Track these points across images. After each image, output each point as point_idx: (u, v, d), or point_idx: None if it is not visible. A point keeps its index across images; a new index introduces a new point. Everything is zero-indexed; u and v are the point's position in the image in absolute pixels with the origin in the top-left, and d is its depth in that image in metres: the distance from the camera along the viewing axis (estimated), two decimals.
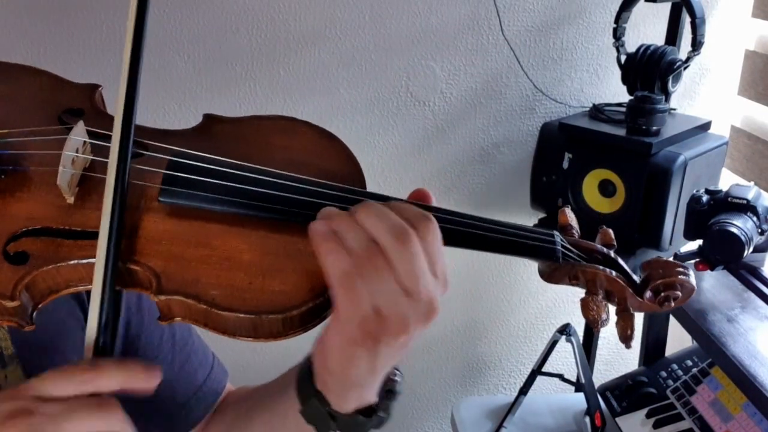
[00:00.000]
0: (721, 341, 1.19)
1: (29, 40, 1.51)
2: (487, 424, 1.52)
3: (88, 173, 0.61)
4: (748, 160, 1.72)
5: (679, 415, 1.29)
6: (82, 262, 0.57)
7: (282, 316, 0.57)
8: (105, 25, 1.54)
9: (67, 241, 0.58)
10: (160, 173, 0.60)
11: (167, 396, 0.81)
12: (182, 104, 1.60)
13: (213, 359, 0.86)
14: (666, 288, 0.65)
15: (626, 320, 0.65)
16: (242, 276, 0.58)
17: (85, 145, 0.62)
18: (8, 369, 0.70)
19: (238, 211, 0.60)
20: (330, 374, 0.61)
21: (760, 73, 1.69)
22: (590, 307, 0.63)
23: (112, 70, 1.57)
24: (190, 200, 0.60)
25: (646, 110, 1.44)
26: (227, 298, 0.57)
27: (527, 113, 1.79)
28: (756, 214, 1.22)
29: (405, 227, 0.55)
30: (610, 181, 1.48)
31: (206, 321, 0.58)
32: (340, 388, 0.62)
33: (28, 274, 0.56)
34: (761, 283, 1.35)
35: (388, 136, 1.75)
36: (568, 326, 1.46)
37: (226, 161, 0.61)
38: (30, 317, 0.58)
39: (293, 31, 1.63)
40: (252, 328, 0.58)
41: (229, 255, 0.59)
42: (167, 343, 0.81)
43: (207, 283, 0.57)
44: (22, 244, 0.57)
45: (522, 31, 1.71)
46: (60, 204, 0.59)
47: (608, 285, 0.65)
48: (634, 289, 0.65)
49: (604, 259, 0.65)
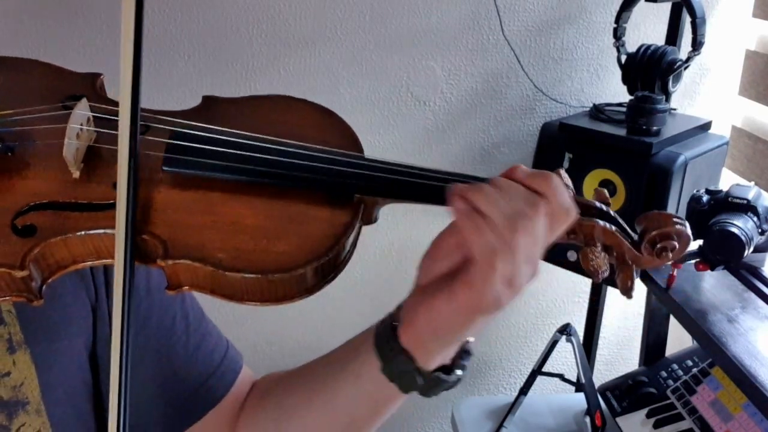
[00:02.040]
0: (722, 341, 1.19)
1: (29, 40, 1.51)
2: (488, 424, 1.52)
3: (94, 145, 0.63)
4: (748, 160, 1.72)
5: (680, 415, 1.29)
6: (90, 233, 0.59)
7: (288, 275, 0.58)
8: (105, 25, 1.54)
9: (73, 214, 0.59)
10: (163, 143, 0.62)
11: (185, 375, 0.80)
12: (182, 104, 1.60)
13: (227, 342, 0.86)
14: (662, 238, 0.65)
15: (626, 272, 0.66)
16: (247, 239, 0.59)
17: (89, 121, 0.63)
18: (17, 354, 0.70)
19: (240, 178, 0.62)
20: (434, 337, 0.63)
21: (761, 73, 1.69)
22: (590, 258, 0.64)
23: (112, 70, 1.57)
24: (193, 168, 0.61)
25: (646, 110, 1.44)
26: (233, 259, 0.58)
27: (527, 113, 1.79)
28: (756, 214, 1.22)
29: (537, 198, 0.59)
30: (611, 181, 1.48)
31: (213, 285, 0.59)
32: (437, 348, 0.64)
33: (36, 245, 0.57)
34: (761, 283, 1.35)
35: (388, 136, 1.75)
36: (568, 326, 1.46)
37: (226, 130, 0.63)
38: (39, 291, 0.59)
39: (293, 31, 1.63)
40: (258, 290, 0.59)
41: (233, 220, 0.60)
42: (181, 324, 0.80)
43: (213, 247, 0.59)
44: (30, 217, 0.59)
45: (522, 31, 1.71)
46: (66, 179, 0.61)
47: (606, 238, 0.65)
48: (631, 242, 0.66)
49: (601, 214, 0.66)
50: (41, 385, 0.71)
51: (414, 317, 0.63)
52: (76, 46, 1.54)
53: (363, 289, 1.78)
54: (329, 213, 0.62)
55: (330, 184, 0.62)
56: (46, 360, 0.71)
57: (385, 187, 0.64)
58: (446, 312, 0.61)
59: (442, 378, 0.66)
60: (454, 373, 0.67)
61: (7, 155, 0.61)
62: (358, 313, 1.74)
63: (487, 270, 0.58)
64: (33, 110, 0.64)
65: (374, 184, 0.64)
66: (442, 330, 0.63)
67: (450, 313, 0.61)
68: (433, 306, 0.62)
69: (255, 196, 0.61)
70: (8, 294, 0.58)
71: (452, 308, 0.61)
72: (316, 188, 0.63)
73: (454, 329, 0.63)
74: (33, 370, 0.70)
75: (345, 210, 0.62)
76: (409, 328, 0.64)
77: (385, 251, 1.83)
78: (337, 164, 0.63)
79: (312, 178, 0.62)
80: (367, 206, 0.65)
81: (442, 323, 0.62)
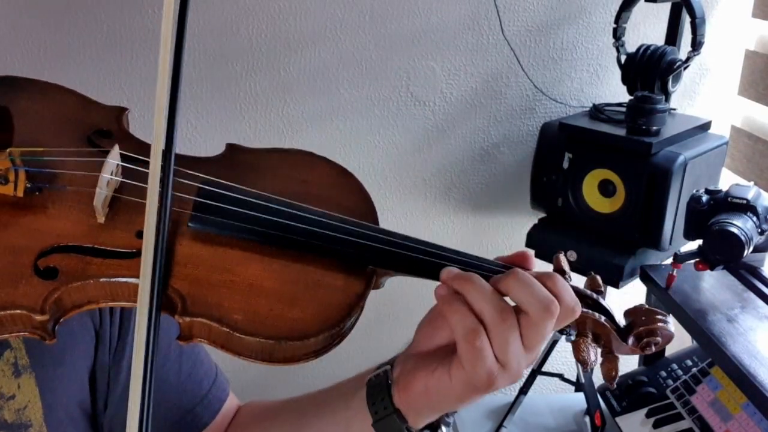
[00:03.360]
0: (721, 341, 1.19)
1: (29, 40, 1.51)
2: (487, 423, 1.52)
3: (118, 195, 0.64)
4: (748, 160, 1.72)
5: (679, 415, 1.29)
6: (110, 280, 0.59)
7: (300, 343, 0.59)
8: (105, 25, 1.54)
9: (96, 259, 0.60)
10: (191, 200, 0.63)
11: (175, 402, 0.82)
12: (182, 104, 1.60)
13: (216, 369, 0.88)
14: (648, 334, 0.70)
15: (611, 362, 0.70)
16: (263, 302, 0.60)
17: (117, 168, 0.64)
18: (22, 378, 0.71)
19: (261, 240, 0.63)
20: (428, 404, 0.66)
21: (761, 73, 1.69)
22: (581, 349, 0.68)
23: (112, 70, 1.58)
24: (217, 228, 0.62)
25: (646, 110, 1.44)
26: (249, 323, 0.59)
27: (527, 113, 1.79)
28: (756, 214, 1.22)
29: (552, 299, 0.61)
30: (610, 181, 1.48)
31: (225, 344, 0.60)
32: (429, 413, 0.67)
33: (57, 289, 0.58)
34: (761, 283, 1.35)
35: (388, 136, 1.75)
36: (569, 326, 1.46)
37: (253, 192, 0.64)
38: (52, 330, 0.59)
39: (293, 31, 1.63)
40: (269, 353, 0.60)
41: (251, 282, 0.61)
42: (175, 351, 0.82)
43: (230, 308, 0.59)
44: (52, 259, 0.59)
45: (522, 31, 1.71)
46: (90, 223, 0.62)
47: (596, 329, 0.69)
48: (619, 333, 0.69)
49: (593, 304, 0.69)
50: (44, 408, 0.72)
51: (411, 384, 0.66)
52: (76, 46, 1.54)
53: None
54: (343, 282, 0.63)
55: (347, 254, 0.64)
56: (50, 384, 0.72)
57: (400, 263, 0.66)
58: (444, 388, 0.63)
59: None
60: (440, 430, 0.70)
61: (34, 195, 0.62)
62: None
63: (470, 350, 0.60)
64: (62, 152, 0.65)
65: (390, 259, 0.65)
66: (437, 402, 0.65)
67: (447, 390, 0.63)
68: (431, 380, 0.64)
69: (274, 258, 0.63)
70: (24, 331, 0.58)
71: (450, 386, 0.63)
72: (333, 257, 0.64)
73: (448, 404, 0.65)
74: (37, 393, 0.71)
75: (358, 279, 0.64)
76: (404, 393, 0.66)
77: None
78: (356, 236, 0.64)
79: (331, 249, 0.63)
80: (378, 276, 0.67)
81: (439, 397, 0.64)
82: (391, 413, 0.66)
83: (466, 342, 0.60)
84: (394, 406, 0.66)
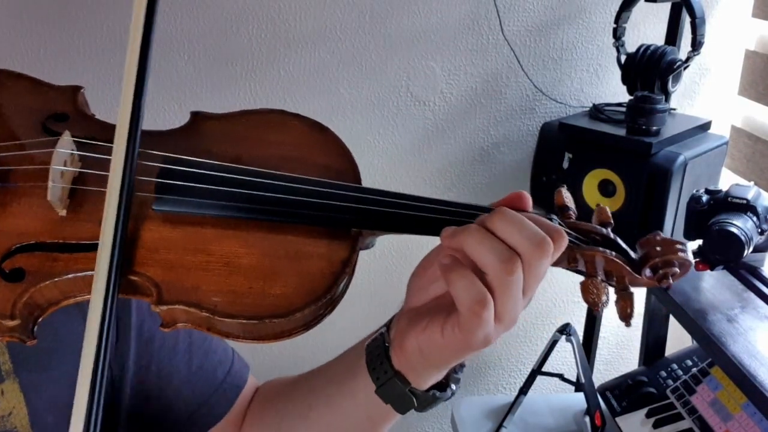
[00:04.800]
0: (721, 341, 1.19)
1: (29, 40, 1.51)
2: (487, 423, 1.52)
3: (78, 186, 0.59)
4: (748, 160, 1.72)
5: (679, 415, 1.29)
6: (79, 275, 0.56)
7: (285, 319, 0.57)
8: (105, 25, 1.54)
9: (62, 255, 0.57)
10: (152, 182, 0.59)
11: (187, 395, 0.80)
12: (182, 104, 1.60)
13: (233, 355, 0.85)
14: (664, 265, 0.65)
15: (625, 300, 0.64)
16: (242, 280, 0.57)
17: (72, 157, 0.60)
18: (5, 384, 0.69)
19: (233, 215, 0.59)
20: (426, 364, 0.63)
21: (761, 73, 1.69)
22: (590, 290, 0.63)
23: (112, 70, 1.58)
24: (184, 207, 0.59)
25: (646, 110, 1.44)
26: (229, 304, 0.56)
27: (527, 113, 1.79)
28: (756, 214, 1.22)
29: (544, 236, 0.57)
30: (610, 181, 1.48)
31: (209, 327, 0.58)
32: (430, 373, 0.64)
33: (25, 291, 0.55)
34: (761, 283, 1.35)
35: (388, 136, 1.75)
36: (568, 326, 1.46)
37: (218, 165, 0.60)
38: (31, 332, 0.57)
39: (293, 31, 1.63)
40: (256, 333, 0.58)
41: (227, 260, 0.58)
42: (184, 343, 0.80)
43: (207, 290, 0.56)
44: (17, 260, 0.56)
45: (522, 31, 1.71)
46: (52, 217, 0.58)
47: (607, 265, 0.64)
48: (632, 267, 0.64)
49: (603, 240, 0.65)
50: (30, 414, 0.70)
51: (405, 344, 0.63)
52: (76, 46, 1.54)
53: (363, 287, 1.78)
54: (326, 248, 0.60)
55: (326, 219, 0.60)
56: (35, 388, 0.70)
57: (383, 221, 0.62)
58: (437, 346, 0.61)
59: (438, 396, 0.66)
60: (449, 388, 0.67)
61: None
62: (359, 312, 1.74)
63: (473, 319, 0.57)
64: (13, 145, 0.61)
65: (371, 218, 0.61)
66: (433, 360, 0.63)
67: (441, 348, 0.61)
68: (423, 337, 0.61)
69: (249, 232, 0.59)
70: (1, 336, 0.56)
71: (442, 344, 0.60)
72: (311, 223, 0.60)
73: (445, 360, 0.63)
74: (22, 398, 0.69)
75: (342, 244, 0.60)
76: (401, 354, 0.63)
77: (384, 249, 1.83)
78: (334, 198, 0.60)
79: (307, 214, 0.59)
80: (364, 237, 0.63)
81: (433, 354, 0.62)
82: (392, 377, 0.63)
83: (471, 313, 0.56)
84: (393, 369, 0.63)
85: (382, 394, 0.64)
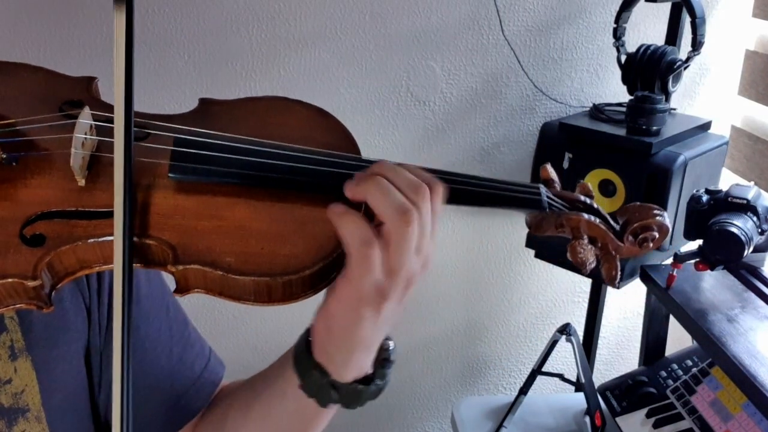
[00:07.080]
0: (721, 341, 1.19)
1: (29, 40, 1.52)
2: (487, 423, 1.52)
3: (97, 154, 0.63)
4: (748, 160, 1.72)
5: (679, 415, 1.29)
6: (98, 240, 0.59)
7: (295, 276, 0.60)
8: (105, 25, 1.54)
9: (81, 222, 0.60)
10: (168, 150, 0.63)
11: (166, 386, 0.81)
12: (182, 104, 1.59)
13: (209, 351, 0.87)
14: (643, 230, 0.70)
15: (610, 262, 0.70)
16: (254, 242, 0.60)
17: (91, 129, 0.64)
18: (18, 361, 0.70)
19: (244, 183, 0.63)
20: (333, 341, 0.63)
21: (761, 73, 1.69)
22: (577, 251, 0.69)
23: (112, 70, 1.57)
24: (198, 175, 0.62)
25: (646, 110, 1.44)
26: (242, 263, 0.59)
27: (527, 113, 1.79)
28: (756, 214, 1.22)
29: (423, 185, 0.60)
30: (610, 181, 1.48)
31: (222, 288, 0.60)
32: (341, 355, 0.64)
33: (47, 254, 0.58)
34: (761, 283, 1.35)
35: (388, 136, 1.75)
36: (568, 326, 1.46)
37: (229, 136, 0.64)
38: (48, 298, 0.59)
39: (293, 30, 1.63)
40: (267, 292, 0.60)
41: (239, 224, 0.61)
42: (165, 334, 0.81)
43: (221, 251, 0.60)
44: (38, 227, 0.59)
45: (522, 31, 1.71)
46: (71, 187, 0.61)
47: (591, 231, 0.70)
48: (614, 233, 0.70)
49: (585, 207, 0.71)
50: (41, 392, 0.71)
51: (315, 330, 0.64)
52: (76, 46, 1.54)
53: None
54: None
55: (331, 186, 0.63)
56: (46, 366, 0.72)
57: None
58: (333, 310, 0.62)
59: (359, 389, 0.66)
60: (373, 383, 0.67)
61: (11, 165, 0.62)
62: None
63: (361, 263, 0.58)
64: (34, 119, 0.65)
65: None
66: (335, 330, 0.63)
67: (336, 310, 0.62)
68: (324, 314, 0.63)
69: (259, 200, 0.63)
70: (20, 302, 0.59)
71: (337, 305, 0.61)
72: (317, 190, 0.64)
73: (345, 327, 0.62)
74: (34, 376, 0.71)
75: None
76: (317, 344, 0.64)
77: None
78: (336, 167, 0.64)
79: (313, 182, 0.63)
80: None
81: (333, 322, 0.62)
82: (311, 369, 0.64)
83: (359, 254, 0.58)
84: (314, 361, 0.65)
85: (305, 388, 0.66)
